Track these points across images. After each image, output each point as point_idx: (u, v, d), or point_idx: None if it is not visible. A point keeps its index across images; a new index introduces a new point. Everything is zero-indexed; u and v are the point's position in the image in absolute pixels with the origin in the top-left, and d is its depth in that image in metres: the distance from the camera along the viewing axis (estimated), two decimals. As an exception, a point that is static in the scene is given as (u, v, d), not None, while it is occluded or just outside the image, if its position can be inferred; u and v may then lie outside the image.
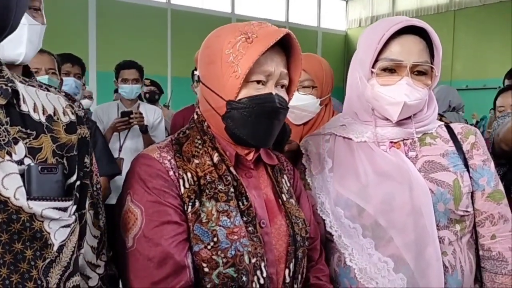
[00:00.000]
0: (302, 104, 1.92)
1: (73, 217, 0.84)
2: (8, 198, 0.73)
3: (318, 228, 1.31)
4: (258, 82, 1.08)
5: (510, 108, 3.00)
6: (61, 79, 2.50)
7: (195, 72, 1.06)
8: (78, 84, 3.17)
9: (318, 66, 1.96)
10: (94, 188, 0.96)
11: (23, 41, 1.30)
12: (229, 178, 1.09)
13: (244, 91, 1.07)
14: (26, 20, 1.29)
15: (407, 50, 1.26)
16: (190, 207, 1.05)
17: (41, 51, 2.33)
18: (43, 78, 2.25)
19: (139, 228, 1.01)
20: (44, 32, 1.41)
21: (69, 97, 0.94)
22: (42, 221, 0.77)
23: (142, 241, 1.01)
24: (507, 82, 3.75)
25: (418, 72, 1.28)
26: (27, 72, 1.43)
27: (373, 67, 1.29)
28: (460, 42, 12.56)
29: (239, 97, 1.07)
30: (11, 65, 1.33)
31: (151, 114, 3.68)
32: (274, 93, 1.09)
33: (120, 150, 3.43)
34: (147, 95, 4.78)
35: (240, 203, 1.08)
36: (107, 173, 2.58)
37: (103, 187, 1.28)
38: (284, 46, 1.13)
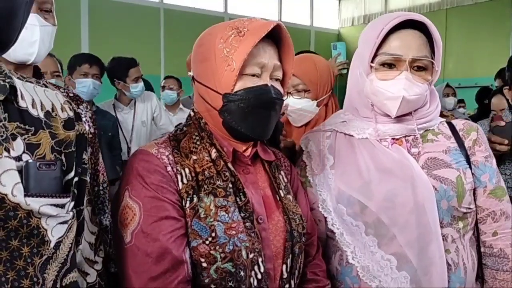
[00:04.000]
0: (297, 108, 1.91)
1: (71, 213, 0.83)
2: (6, 195, 0.73)
3: (314, 223, 1.31)
4: (253, 75, 1.09)
5: (500, 111, 3.00)
6: (64, 81, 2.49)
7: (190, 74, 1.06)
8: (96, 85, 3.12)
9: (311, 68, 1.92)
10: (101, 187, 0.95)
11: (35, 42, 1.31)
12: (227, 173, 1.09)
13: (240, 83, 1.08)
14: (37, 22, 1.30)
15: (406, 45, 1.25)
16: (188, 202, 1.05)
17: None
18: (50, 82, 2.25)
19: (137, 224, 1.02)
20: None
21: (68, 94, 0.93)
22: (39, 218, 0.77)
23: (140, 237, 1.01)
24: (497, 83, 3.75)
25: (417, 67, 1.27)
26: (37, 73, 1.43)
27: (372, 62, 1.28)
28: (452, 41, 12.58)
29: (235, 90, 1.08)
30: (22, 66, 1.34)
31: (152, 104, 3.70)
32: (269, 84, 1.10)
33: (128, 152, 3.45)
34: None
35: (238, 199, 1.09)
36: (110, 177, 2.58)
37: None
38: (275, 40, 1.15)
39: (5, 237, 0.73)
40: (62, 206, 0.80)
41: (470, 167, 1.31)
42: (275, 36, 1.13)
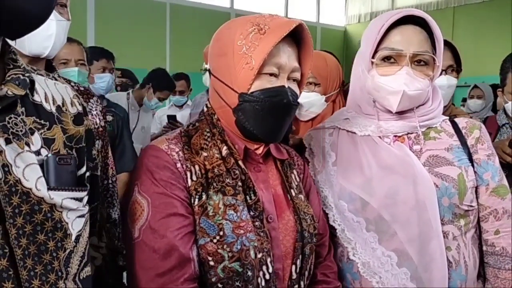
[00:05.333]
0: (306, 101, 1.90)
1: (86, 207, 0.84)
2: (30, 189, 0.73)
3: (326, 224, 1.30)
4: (271, 74, 1.07)
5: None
6: (89, 69, 2.49)
7: (205, 66, 1.06)
8: (113, 79, 3.14)
9: (322, 63, 1.93)
10: (110, 181, 0.95)
11: (51, 35, 1.33)
12: (237, 171, 1.08)
13: (257, 83, 1.06)
14: (54, 16, 1.32)
15: (407, 40, 1.25)
16: (197, 200, 1.04)
17: (71, 40, 2.33)
18: (72, 70, 2.24)
19: (145, 219, 1.01)
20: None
21: (79, 88, 0.93)
22: (61, 212, 0.77)
23: (148, 233, 1.01)
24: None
25: (418, 62, 1.27)
26: (49, 66, 1.44)
27: (373, 57, 1.28)
28: (459, 39, 12.49)
29: (251, 90, 1.06)
30: (35, 59, 1.35)
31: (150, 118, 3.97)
32: (286, 86, 1.08)
33: None
34: (119, 88, 4.74)
35: (248, 197, 1.07)
36: (130, 168, 2.59)
37: (125, 182, 1.28)
38: (295, 39, 1.12)
39: (32, 231, 0.73)
40: (80, 199, 0.81)
41: (473, 165, 1.31)
42: (295, 35, 1.11)
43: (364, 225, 1.26)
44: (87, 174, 0.86)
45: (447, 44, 1.99)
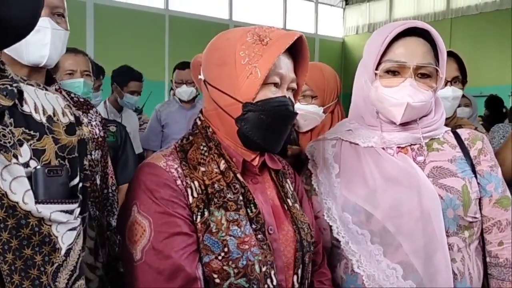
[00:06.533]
0: (304, 113, 1.91)
1: (78, 219, 0.82)
2: (17, 202, 0.71)
3: (319, 232, 1.30)
4: (275, 84, 1.07)
5: None
6: (94, 80, 2.53)
7: (200, 76, 1.03)
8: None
9: (318, 75, 1.94)
10: (110, 190, 0.95)
11: (47, 44, 1.33)
12: (237, 185, 1.06)
13: (261, 93, 1.05)
14: (49, 24, 1.32)
15: (411, 52, 1.26)
16: (199, 217, 1.02)
17: (76, 51, 2.36)
18: (78, 81, 2.27)
19: (148, 240, 0.98)
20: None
21: (79, 99, 0.93)
22: (50, 225, 0.75)
23: (151, 254, 0.98)
24: None
25: (422, 74, 1.27)
26: (49, 78, 1.44)
27: (377, 69, 1.29)
28: (456, 50, 12.55)
29: (256, 99, 1.05)
30: (35, 70, 1.35)
31: (134, 121, 3.85)
32: (287, 96, 1.09)
33: None
34: None
35: (249, 210, 1.06)
36: None
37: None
38: (292, 51, 1.13)
39: (19, 246, 0.71)
40: (71, 212, 0.79)
41: (476, 177, 1.31)
42: (291, 47, 1.10)
43: (368, 238, 1.26)
44: (80, 185, 0.85)
45: (452, 55, 2.00)
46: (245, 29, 1.11)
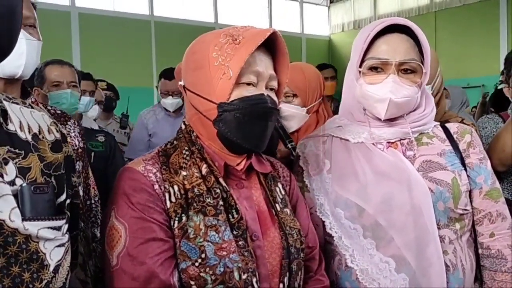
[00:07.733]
0: (287, 114, 1.91)
1: (66, 236, 0.82)
2: (4, 220, 0.71)
3: (317, 236, 1.27)
4: (249, 84, 1.05)
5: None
6: (81, 92, 2.51)
7: (180, 83, 1.02)
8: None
9: (299, 76, 1.93)
10: (93, 201, 0.95)
11: (22, 53, 1.32)
12: (218, 190, 1.04)
13: (235, 92, 1.04)
14: (23, 35, 1.31)
15: (393, 49, 1.27)
16: (176, 222, 1.00)
17: (62, 62, 2.36)
18: (65, 92, 2.27)
19: (123, 246, 0.97)
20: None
21: (56, 111, 0.92)
22: (38, 242, 0.76)
23: (126, 260, 0.96)
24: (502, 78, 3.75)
25: (405, 70, 1.28)
26: (24, 91, 1.43)
27: (360, 67, 1.30)
28: (442, 43, 12.67)
29: (230, 99, 1.03)
30: (11, 82, 1.34)
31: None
32: (265, 94, 1.07)
33: None
34: (104, 102, 4.19)
35: (230, 216, 1.03)
36: None
37: None
38: (270, 48, 1.11)
39: (6, 263, 0.71)
40: (58, 228, 0.79)
41: (465, 169, 1.32)
42: (270, 45, 1.10)
43: (361, 232, 1.26)
44: (67, 201, 0.85)
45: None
46: (219, 30, 1.09)
